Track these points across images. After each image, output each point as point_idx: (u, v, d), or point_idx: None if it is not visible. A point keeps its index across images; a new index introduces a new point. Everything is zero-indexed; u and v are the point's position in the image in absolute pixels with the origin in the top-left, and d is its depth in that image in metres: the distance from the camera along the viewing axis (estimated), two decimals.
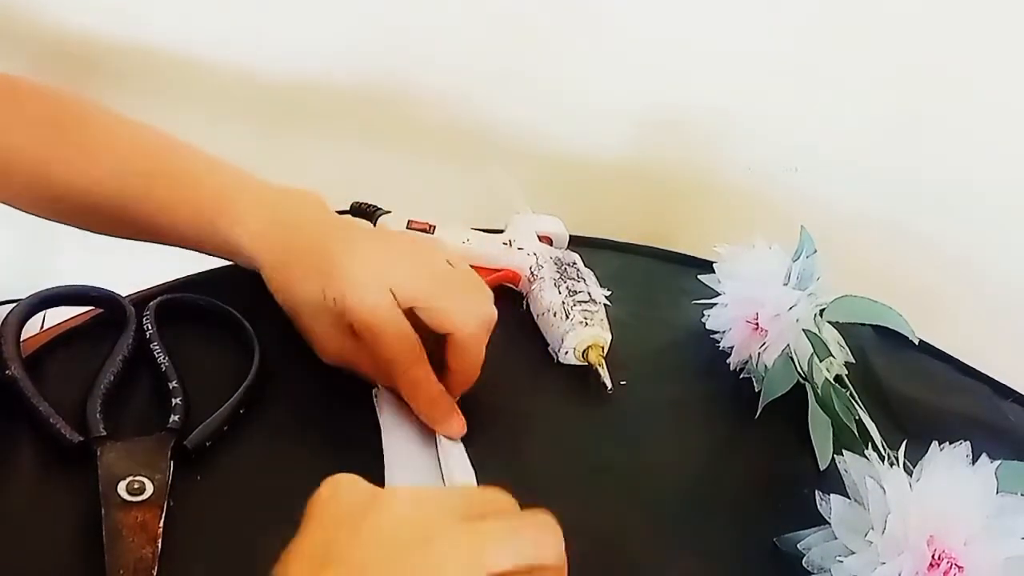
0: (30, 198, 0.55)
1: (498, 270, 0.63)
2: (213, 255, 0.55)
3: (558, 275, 0.61)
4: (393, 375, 0.49)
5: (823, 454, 0.56)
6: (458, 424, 0.50)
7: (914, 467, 0.46)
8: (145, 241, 0.56)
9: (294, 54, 0.90)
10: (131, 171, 0.54)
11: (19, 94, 0.54)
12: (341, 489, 0.34)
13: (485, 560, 0.31)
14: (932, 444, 0.47)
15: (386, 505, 0.33)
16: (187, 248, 0.55)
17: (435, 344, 0.50)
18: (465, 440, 0.50)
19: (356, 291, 0.48)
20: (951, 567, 0.43)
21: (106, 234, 0.57)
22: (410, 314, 0.49)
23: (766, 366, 0.59)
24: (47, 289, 0.51)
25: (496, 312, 0.51)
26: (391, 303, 0.48)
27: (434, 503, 0.33)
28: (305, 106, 0.95)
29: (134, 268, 0.62)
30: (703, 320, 0.64)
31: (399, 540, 0.31)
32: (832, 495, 0.47)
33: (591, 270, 0.64)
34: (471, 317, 0.50)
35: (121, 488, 0.43)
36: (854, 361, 0.61)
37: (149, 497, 0.43)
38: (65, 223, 0.56)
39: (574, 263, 0.63)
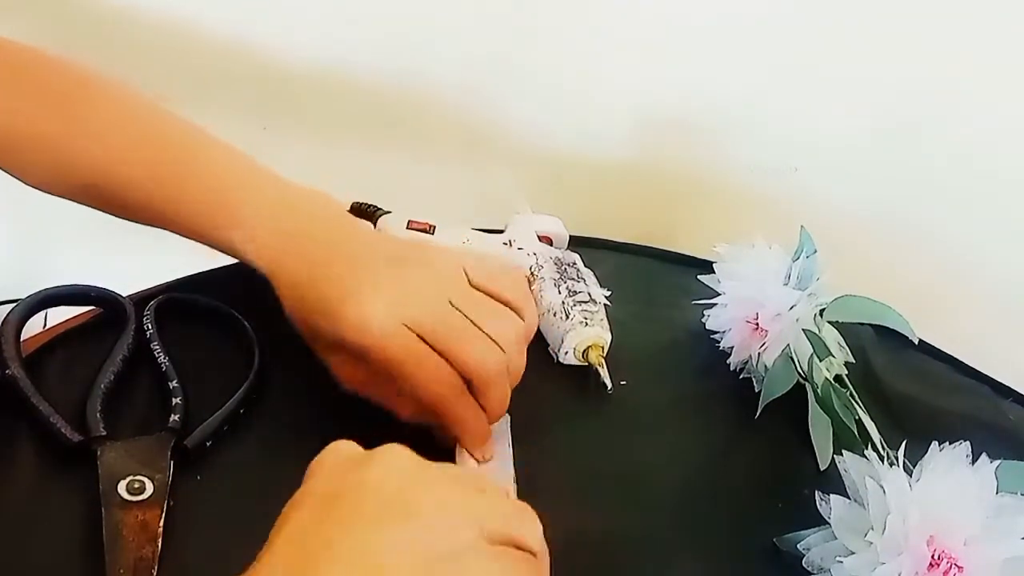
0: (37, 174, 0.53)
1: None
2: (218, 251, 0.54)
3: (558, 275, 0.61)
4: (435, 413, 0.47)
5: (823, 454, 0.56)
6: (490, 450, 0.49)
7: (914, 467, 0.46)
8: (153, 227, 0.54)
9: (294, 53, 0.90)
10: (140, 158, 0.51)
11: (29, 65, 0.53)
12: (342, 451, 0.36)
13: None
14: (932, 444, 0.47)
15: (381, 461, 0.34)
16: (194, 240, 0.53)
17: None
18: None
19: (371, 334, 0.45)
20: (951, 567, 0.43)
21: (115, 215, 0.54)
22: None
23: (766, 366, 0.59)
24: (47, 289, 0.51)
25: (519, 356, 0.48)
26: (413, 339, 0.45)
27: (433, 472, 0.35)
28: (304, 106, 0.95)
29: (134, 268, 0.61)
30: (703, 320, 0.64)
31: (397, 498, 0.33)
32: (832, 495, 0.47)
33: (591, 270, 0.64)
34: (487, 359, 0.46)
35: (121, 488, 0.43)
36: (854, 361, 0.61)
37: (149, 497, 0.43)
38: (75, 201, 0.54)
39: (574, 263, 0.63)
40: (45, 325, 0.53)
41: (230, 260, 0.59)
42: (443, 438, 0.49)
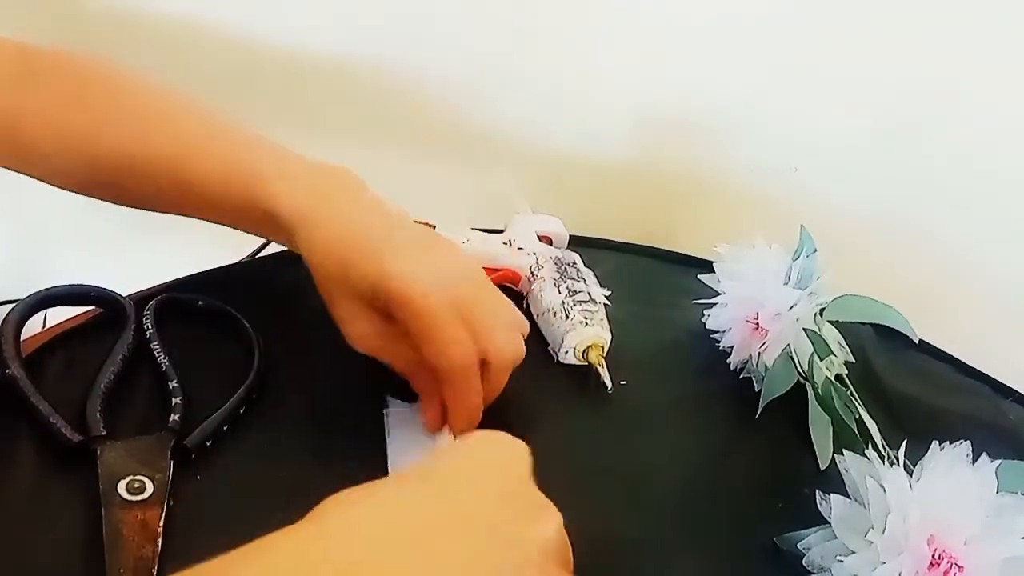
0: (54, 170, 0.53)
1: (498, 270, 0.63)
2: (243, 228, 0.53)
3: (558, 275, 0.61)
4: (446, 379, 0.48)
5: (823, 454, 0.56)
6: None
7: (914, 467, 0.46)
8: (175, 214, 0.54)
9: (293, 54, 0.90)
10: (163, 133, 0.52)
11: (39, 64, 0.53)
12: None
13: None
14: (932, 444, 0.47)
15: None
16: (216, 220, 0.53)
17: None
18: None
19: (417, 284, 0.46)
20: (951, 567, 0.43)
21: (136, 206, 0.55)
22: None
23: (766, 366, 0.59)
24: (47, 289, 0.51)
25: (523, 350, 0.50)
26: (453, 303, 0.46)
27: None
28: (303, 106, 0.95)
29: (134, 268, 0.61)
30: (703, 320, 0.64)
31: None
32: (832, 495, 0.47)
33: (591, 270, 0.64)
34: (508, 347, 0.49)
35: (121, 487, 0.43)
36: (854, 360, 0.61)
37: (149, 496, 0.43)
38: (91, 195, 0.54)
39: (574, 263, 0.63)
40: (45, 325, 0.53)
41: (230, 260, 0.59)
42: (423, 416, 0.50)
